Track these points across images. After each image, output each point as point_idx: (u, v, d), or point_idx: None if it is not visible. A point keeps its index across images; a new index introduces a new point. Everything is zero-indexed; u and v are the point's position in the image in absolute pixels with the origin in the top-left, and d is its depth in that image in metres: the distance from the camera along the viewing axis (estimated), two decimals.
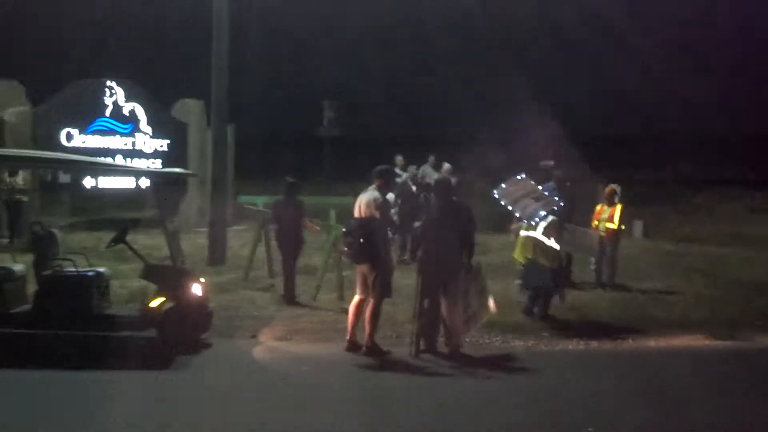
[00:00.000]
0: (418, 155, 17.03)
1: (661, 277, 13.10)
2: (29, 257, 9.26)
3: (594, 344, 9.28)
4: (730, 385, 7.88)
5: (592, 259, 12.46)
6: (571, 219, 11.62)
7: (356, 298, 8.60)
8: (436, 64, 28.00)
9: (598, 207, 12.64)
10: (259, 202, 12.68)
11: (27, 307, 8.58)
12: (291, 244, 11.06)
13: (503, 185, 10.76)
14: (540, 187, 11.04)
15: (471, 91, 28.65)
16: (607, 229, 12.32)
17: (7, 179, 14.92)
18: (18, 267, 8.95)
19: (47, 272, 8.65)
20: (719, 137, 28.72)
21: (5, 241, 14.34)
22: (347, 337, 8.60)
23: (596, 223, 12.45)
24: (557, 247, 10.07)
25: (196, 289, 8.68)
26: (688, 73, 30.04)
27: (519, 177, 11.02)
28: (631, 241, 15.68)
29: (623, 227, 12.72)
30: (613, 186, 12.63)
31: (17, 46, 23.75)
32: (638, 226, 18.66)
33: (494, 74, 29.48)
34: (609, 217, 12.38)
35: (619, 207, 12.44)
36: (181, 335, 8.40)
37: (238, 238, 16.21)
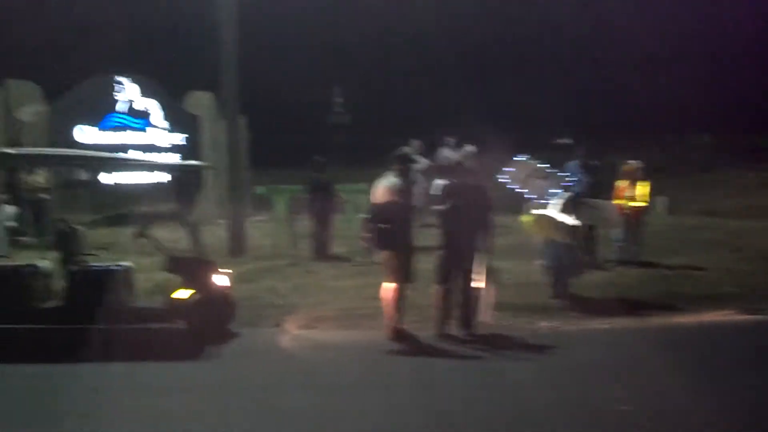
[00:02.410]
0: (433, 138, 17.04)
1: (687, 253, 12.98)
2: (54, 254, 9.33)
3: (622, 322, 9.25)
4: (763, 358, 7.84)
5: (617, 237, 12.39)
6: (597, 196, 11.59)
7: (386, 285, 8.58)
8: (448, 43, 27.80)
9: (621, 184, 12.53)
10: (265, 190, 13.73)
11: (55, 302, 8.65)
12: (325, 213, 13.22)
13: (507, 169, 10.74)
14: (541, 165, 10.97)
15: (482, 79, 28.51)
16: (632, 206, 12.26)
17: (28, 178, 14.99)
18: (44, 263, 9.02)
19: (74, 268, 8.71)
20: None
21: (29, 238, 14.42)
22: (386, 323, 8.58)
23: (620, 201, 12.36)
24: (573, 222, 10.00)
25: (220, 279, 8.73)
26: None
27: (521, 159, 10.96)
28: (655, 217, 15.59)
29: (647, 204, 12.66)
30: (635, 163, 12.56)
31: (30, 46, 23.82)
32: (662, 202, 18.51)
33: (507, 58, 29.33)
34: (634, 194, 12.31)
35: (646, 184, 12.37)
36: (208, 326, 8.47)
37: (257, 229, 16.27)
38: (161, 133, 18.03)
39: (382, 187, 8.47)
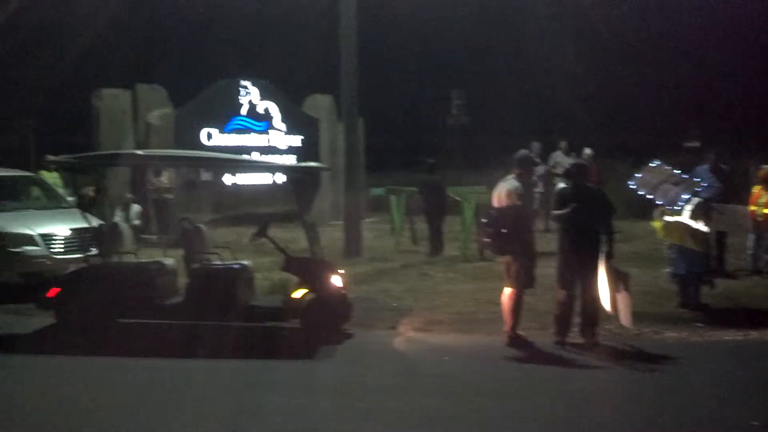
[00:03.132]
0: (549, 143, 16.69)
1: None
2: (178, 252, 9.62)
3: (753, 334, 8.75)
4: None
5: (749, 245, 11.77)
6: (728, 201, 11.06)
7: (507, 290, 8.42)
8: (562, 45, 27.18)
9: (755, 189, 11.88)
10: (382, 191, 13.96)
11: (179, 299, 8.90)
12: (438, 213, 13.67)
13: (639, 174, 10.35)
14: (676, 171, 10.54)
15: (601, 77, 27.70)
16: (765, 214, 11.60)
17: (154, 179, 15.59)
18: (169, 261, 9.30)
19: (196, 265, 8.94)
20: None
21: (153, 236, 14.97)
22: (505, 330, 8.42)
23: (754, 207, 11.71)
24: (706, 229, 9.55)
25: (337, 280, 8.76)
26: None
27: (653, 164, 10.55)
28: None
29: None
30: None
31: (158, 52, 24.82)
32: None
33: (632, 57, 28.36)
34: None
35: None
36: (324, 326, 8.53)
37: (372, 230, 16.36)
38: (280, 135, 18.40)
39: (502, 191, 8.30)
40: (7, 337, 8.89)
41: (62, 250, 10.90)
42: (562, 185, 8.58)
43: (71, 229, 10.99)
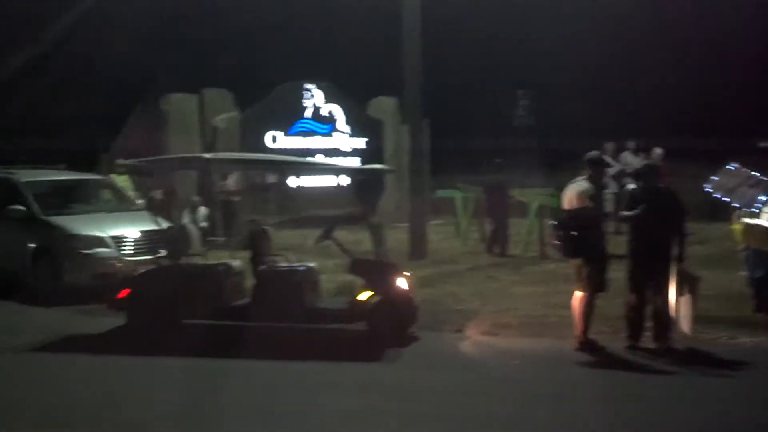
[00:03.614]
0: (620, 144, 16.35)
1: None
2: (244, 254, 9.68)
3: None
4: None
5: None
6: None
7: (577, 294, 8.25)
8: (635, 48, 26.64)
9: None
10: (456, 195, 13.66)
11: (245, 300, 8.96)
12: (502, 212, 13.70)
13: (714, 178, 10.04)
14: (754, 173, 10.18)
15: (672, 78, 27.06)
16: None
17: (220, 181, 15.77)
18: (236, 263, 9.38)
19: (263, 267, 8.99)
20: None
21: (221, 239, 15.15)
22: (575, 334, 8.25)
23: None
24: None
25: (402, 282, 8.70)
26: None
27: (731, 167, 10.22)
28: None
29: None
30: None
31: (224, 57, 25.14)
32: None
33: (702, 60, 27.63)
34: None
35: None
36: (390, 328, 8.47)
37: (437, 232, 16.27)
38: (344, 138, 18.46)
39: (573, 193, 8.13)
40: (80, 337, 9.08)
41: (132, 252, 11.09)
42: (631, 186, 8.37)
43: (141, 232, 11.18)
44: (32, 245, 11.18)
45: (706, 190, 9.83)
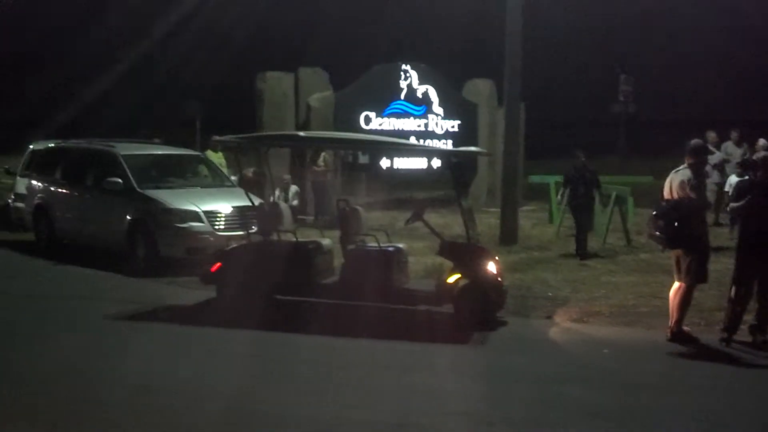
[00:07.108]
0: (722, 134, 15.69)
1: None
2: (335, 232, 9.72)
3: None
4: None
5: None
6: None
7: (676, 285, 7.98)
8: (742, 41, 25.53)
9: None
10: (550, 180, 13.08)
11: (334, 279, 9.00)
12: (586, 207, 12.67)
13: None
14: None
15: None
16: None
17: (312, 161, 15.88)
18: (326, 242, 9.42)
19: (352, 247, 9.00)
20: None
21: (312, 217, 15.29)
22: (670, 324, 7.98)
23: None
24: None
25: (492, 267, 8.57)
26: None
27: None
28: None
29: None
30: None
31: (321, 36, 25.33)
32: None
33: None
34: None
35: None
36: (477, 312, 8.37)
37: (528, 218, 16.00)
38: (438, 120, 18.30)
39: (675, 182, 7.86)
40: (172, 308, 9.31)
41: (224, 226, 11.28)
42: (735, 177, 8.02)
43: (233, 207, 11.36)
44: (129, 217, 11.49)
45: None
